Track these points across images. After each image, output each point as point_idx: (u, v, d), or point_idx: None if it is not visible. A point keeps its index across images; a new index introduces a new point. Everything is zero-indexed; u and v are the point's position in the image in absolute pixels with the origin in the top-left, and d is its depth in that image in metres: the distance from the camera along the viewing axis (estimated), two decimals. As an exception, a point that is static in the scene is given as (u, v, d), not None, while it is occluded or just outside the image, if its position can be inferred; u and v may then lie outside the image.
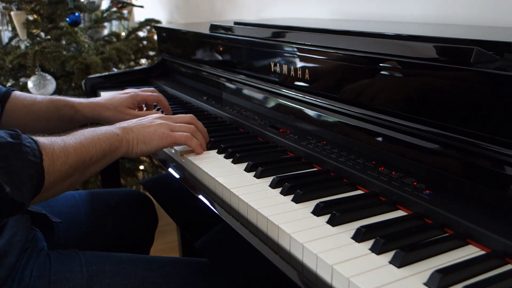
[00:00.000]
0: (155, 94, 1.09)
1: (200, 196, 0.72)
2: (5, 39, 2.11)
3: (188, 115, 0.89)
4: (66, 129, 0.99)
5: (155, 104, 1.10)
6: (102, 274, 0.79)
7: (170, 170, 0.85)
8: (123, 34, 2.23)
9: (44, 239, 0.87)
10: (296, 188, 0.65)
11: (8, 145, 0.61)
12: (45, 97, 1.03)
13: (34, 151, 0.64)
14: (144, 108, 1.10)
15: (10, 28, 1.97)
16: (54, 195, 0.72)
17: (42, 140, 0.67)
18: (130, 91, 1.08)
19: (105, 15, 2.13)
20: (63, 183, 0.70)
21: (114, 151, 0.78)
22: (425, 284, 0.45)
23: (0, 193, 0.58)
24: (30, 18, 1.87)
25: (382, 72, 0.73)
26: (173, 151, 0.89)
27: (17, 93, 1.01)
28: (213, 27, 1.26)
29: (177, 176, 0.82)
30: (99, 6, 2.05)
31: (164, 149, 0.94)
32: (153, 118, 0.85)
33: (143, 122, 0.83)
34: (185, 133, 0.83)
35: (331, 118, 0.83)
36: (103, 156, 0.76)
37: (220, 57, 1.22)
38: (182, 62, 1.45)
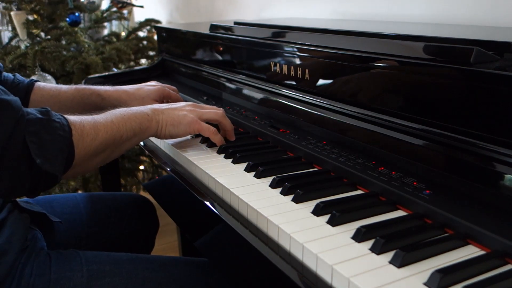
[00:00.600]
0: (178, 95, 1.12)
1: (200, 197, 0.72)
2: (5, 39, 2.11)
3: (220, 108, 0.90)
4: None
5: None
6: (102, 273, 0.79)
7: (170, 170, 0.85)
8: (123, 34, 2.23)
9: (43, 239, 0.87)
10: (296, 188, 0.65)
11: (38, 121, 0.65)
12: (70, 87, 1.04)
13: (63, 126, 0.67)
14: None
15: (10, 28, 1.97)
16: (86, 170, 0.76)
17: (72, 117, 0.71)
18: (157, 84, 1.09)
19: (105, 15, 2.13)
20: (95, 159, 0.73)
21: (144, 131, 0.80)
22: (425, 284, 0.45)
23: (35, 165, 0.62)
24: (30, 18, 1.87)
25: (382, 72, 0.73)
26: (173, 150, 0.89)
27: (40, 84, 1.02)
28: (213, 27, 1.26)
29: (177, 176, 0.82)
30: (99, 6, 2.05)
31: (164, 150, 0.94)
32: (185, 104, 0.87)
33: (174, 106, 0.86)
34: (212, 128, 0.85)
35: (331, 118, 0.83)
36: (133, 134, 0.78)
37: (220, 57, 1.23)
38: (182, 62, 1.45)
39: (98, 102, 1.03)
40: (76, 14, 1.84)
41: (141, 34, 2.23)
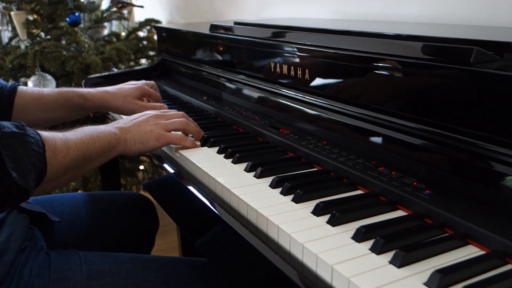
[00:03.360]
0: (157, 94, 1.15)
1: (200, 196, 0.72)
2: (5, 39, 2.11)
3: (180, 112, 0.93)
4: (75, 118, 1.03)
5: None
6: (102, 273, 0.79)
7: (170, 170, 0.85)
8: (123, 34, 2.23)
9: (43, 238, 0.87)
10: (296, 188, 0.65)
11: (14, 135, 0.65)
12: (52, 90, 1.06)
13: (37, 142, 0.67)
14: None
15: (10, 28, 1.97)
16: (54, 187, 0.76)
17: (45, 133, 0.71)
18: (136, 82, 1.12)
19: (105, 15, 2.13)
20: (64, 176, 0.73)
21: (112, 149, 0.81)
22: (425, 284, 0.45)
23: (7, 178, 0.62)
24: (30, 18, 1.87)
25: (382, 72, 0.73)
26: (173, 151, 0.89)
27: (23, 87, 1.03)
28: (213, 27, 1.26)
29: (177, 176, 0.82)
30: (99, 6, 2.05)
31: (164, 150, 0.94)
32: (148, 117, 0.88)
33: (139, 122, 0.86)
34: (179, 135, 0.87)
35: (331, 118, 0.83)
36: (101, 153, 0.79)
37: (220, 57, 1.23)
38: (182, 62, 1.45)
39: (81, 104, 1.05)
40: (76, 14, 1.84)
41: (141, 34, 2.23)
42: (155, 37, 1.85)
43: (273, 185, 0.69)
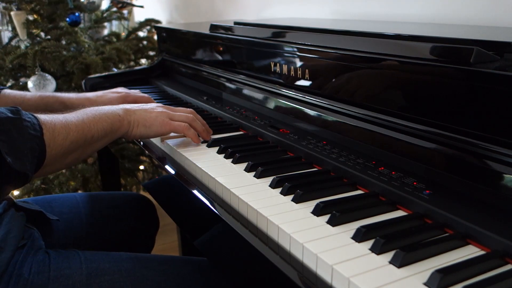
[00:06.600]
0: (145, 96, 1.13)
1: (200, 196, 0.72)
2: (5, 39, 2.11)
3: (189, 108, 0.93)
4: None
5: None
6: (101, 271, 0.79)
7: (170, 170, 0.85)
8: (123, 34, 2.23)
9: (41, 237, 0.87)
10: (296, 188, 0.65)
11: (9, 120, 0.65)
12: (34, 94, 1.07)
13: (34, 125, 0.68)
14: None
15: (10, 28, 1.97)
16: (57, 169, 0.78)
17: (43, 116, 0.71)
18: (122, 90, 1.12)
19: (105, 15, 2.13)
20: (65, 159, 0.74)
21: (115, 131, 0.81)
22: (425, 284, 0.45)
23: (5, 163, 0.62)
24: (30, 18, 1.87)
25: (382, 72, 0.73)
26: (173, 150, 0.89)
27: (7, 91, 1.04)
28: (213, 27, 1.26)
29: (176, 176, 0.82)
30: (99, 6, 2.05)
31: (164, 150, 0.94)
32: (155, 105, 0.88)
33: (145, 108, 0.86)
34: (184, 123, 0.86)
35: (331, 118, 0.83)
36: (104, 134, 0.79)
37: (220, 57, 1.22)
38: (182, 62, 1.45)
39: (60, 110, 1.04)
40: (76, 14, 1.84)
41: (141, 34, 2.23)
42: (155, 37, 1.85)
43: (273, 185, 0.69)
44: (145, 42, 2.13)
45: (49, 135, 0.69)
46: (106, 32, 2.35)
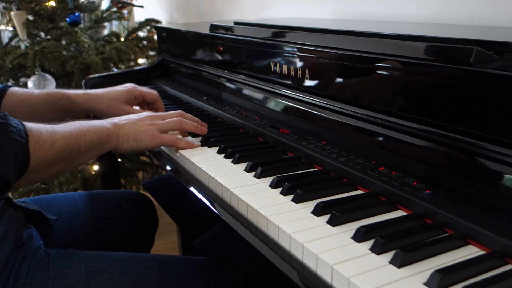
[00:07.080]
0: (153, 92, 1.12)
1: (200, 196, 0.72)
2: (5, 39, 2.11)
3: (177, 111, 0.93)
4: (63, 120, 1.04)
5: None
6: (100, 270, 0.79)
7: (170, 170, 0.85)
8: (123, 34, 2.23)
9: (40, 237, 0.87)
10: (296, 188, 0.65)
11: None
12: (41, 91, 1.06)
13: (20, 131, 0.68)
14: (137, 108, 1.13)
15: (10, 28, 1.97)
16: (41, 179, 0.77)
17: (30, 124, 0.72)
18: (130, 85, 1.11)
19: (105, 15, 2.13)
20: (51, 168, 0.74)
21: (103, 144, 0.81)
22: (425, 284, 0.45)
23: None
24: (30, 18, 1.87)
25: (382, 72, 0.73)
26: (173, 151, 0.89)
27: (13, 89, 1.04)
28: (213, 27, 1.26)
29: (176, 176, 0.82)
30: (99, 6, 2.05)
31: (164, 150, 0.94)
32: (143, 116, 0.88)
33: (134, 120, 0.87)
34: (173, 137, 0.87)
35: (331, 118, 0.83)
36: (92, 147, 0.79)
37: (220, 57, 1.22)
38: (182, 62, 1.45)
39: (68, 105, 1.05)
40: (76, 14, 1.84)
41: (141, 34, 2.23)
42: (155, 37, 1.85)
43: (273, 185, 0.69)
44: (145, 42, 2.13)
45: (34, 143, 0.69)
46: (106, 32, 2.35)
